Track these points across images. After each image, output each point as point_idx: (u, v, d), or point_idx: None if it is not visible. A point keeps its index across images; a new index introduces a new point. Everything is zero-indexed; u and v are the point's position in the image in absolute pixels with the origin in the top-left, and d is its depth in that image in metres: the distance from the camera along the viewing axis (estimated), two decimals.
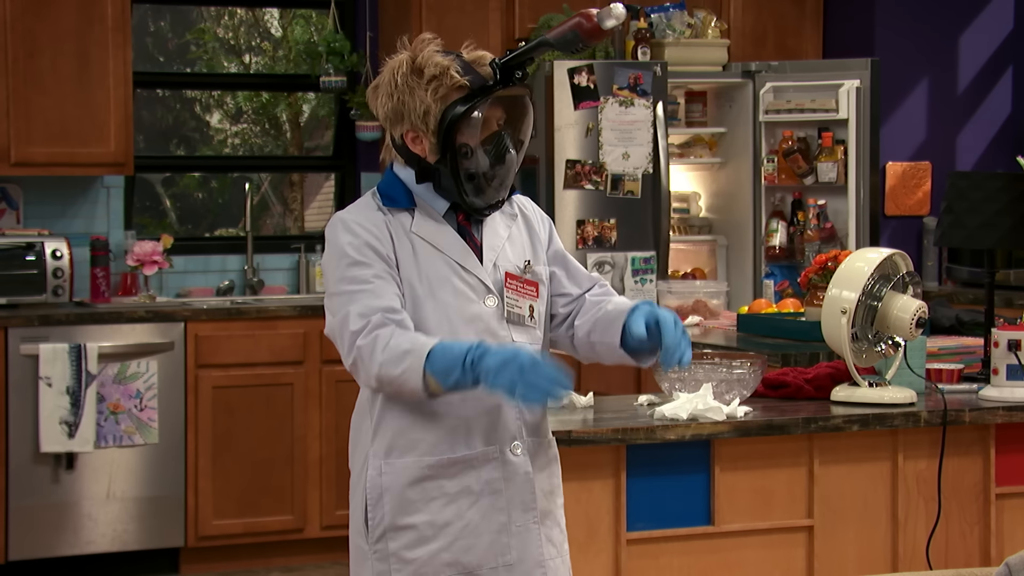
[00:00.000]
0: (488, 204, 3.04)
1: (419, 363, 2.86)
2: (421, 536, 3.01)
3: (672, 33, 7.30)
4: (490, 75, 2.98)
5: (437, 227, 3.04)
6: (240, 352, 6.66)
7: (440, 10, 7.18)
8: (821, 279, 5.10)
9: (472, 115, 2.96)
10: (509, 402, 2.93)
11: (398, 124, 3.02)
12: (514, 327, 3.05)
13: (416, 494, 3.01)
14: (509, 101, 3.02)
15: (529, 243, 3.16)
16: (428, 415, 3.00)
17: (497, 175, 3.01)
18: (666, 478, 3.80)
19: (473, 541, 3.02)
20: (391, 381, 2.90)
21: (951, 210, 4.58)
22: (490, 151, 2.99)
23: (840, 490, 3.95)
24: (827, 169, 7.08)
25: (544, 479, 3.12)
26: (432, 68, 2.96)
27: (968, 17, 7.83)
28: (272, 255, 7.49)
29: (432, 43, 3.01)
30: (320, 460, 6.77)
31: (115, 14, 6.75)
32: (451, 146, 2.98)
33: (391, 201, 3.04)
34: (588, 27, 2.97)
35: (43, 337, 6.34)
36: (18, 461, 6.34)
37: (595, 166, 6.80)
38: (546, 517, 3.11)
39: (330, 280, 3.01)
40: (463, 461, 3.01)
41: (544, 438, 3.14)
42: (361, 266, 2.97)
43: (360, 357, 2.92)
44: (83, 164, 6.79)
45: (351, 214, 3.04)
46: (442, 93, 2.96)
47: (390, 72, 3.01)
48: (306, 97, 9.27)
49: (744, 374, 3.95)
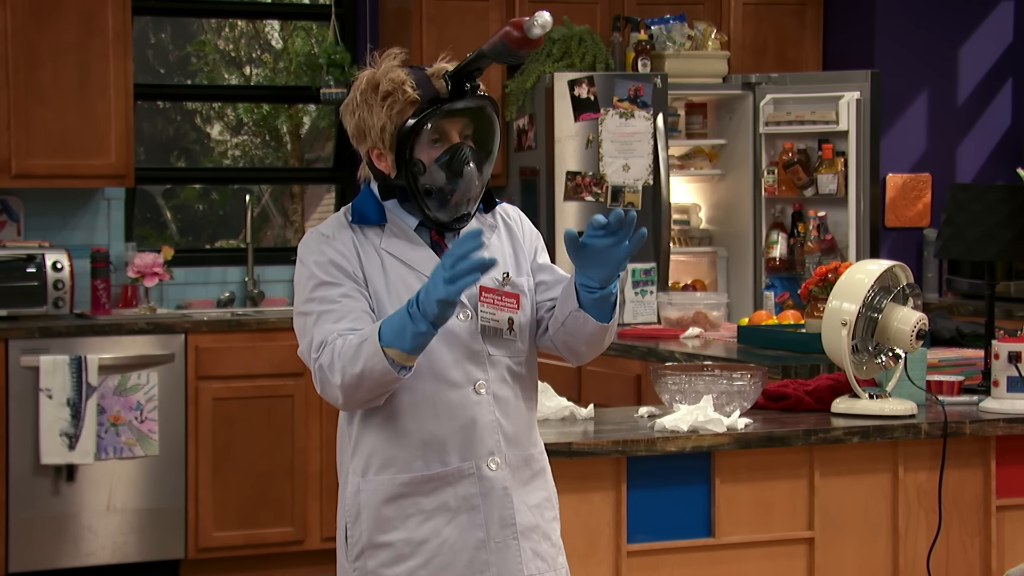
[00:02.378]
0: (452, 218, 3.01)
1: (374, 345, 2.83)
2: (398, 554, 2.98)
3: (672, 45, 7.31)
4: (443, 88, 2.96)
5: (407, 242, 3.02)
6: (240, 364, 6.66)
7: (440, 22, 7.19)
8: (821, 291, 5.10)
9: (421, 129, 2.94)
10: (458, 296, 2.78)
11: (362, 142, 3.04)
12: (490, 341, 3.01)
13: (392, 512, 2.98)
14: (464, 113, 2.98)
15: (512, 253, 3.11)
16: (402, 432, 2.97)
17: (458, 188, 2.97)
18: (666, 490, 3.79)
19: (451, 558, 2.99)
20: (358, 381, 2.86)
21: (951, 222, 4.58)
22: (445, 164, 2.96)
23: (841, 502, 3.94)
24: (827, 181, 7.09)
25: (528, 492, 3.06)
26: (387, 84, 2.96)
27: (968, 28, 7.84)
28: (272, 267, 7.50)
29: (395, 58, 2.99)
30: (320, 472, 6.76)
31: (116, 26, 6.75)
32: (406, 162, 2.96)
33: (361, 217, 3.03)
34: (516, 36, 2.92)
35: (43, 349, 6.34)
36: (18, 473, 6.33)
37: (595, 178, 6.80)
38: (532, 531, 3.05)
39: (299, 298, 3.01)
40: (439, 478, 2.98)
41: (527, 450, 3.08)
42: (327, 286, 2.97)
43: (323, 377, 2.91)
44: (84, 176, 6.79)
45: (320, 231, 3.04)
46: (397, 109, 2.95)
47: (353, 89, 3.02)
48: (306, 109, 9.27)
49: (744, 386, 3.95)
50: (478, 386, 2.99)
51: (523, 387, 3.07)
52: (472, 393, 2.99)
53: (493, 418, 3.01)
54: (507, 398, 3.03)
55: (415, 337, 2.82)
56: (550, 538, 3.11)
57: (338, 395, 2.91)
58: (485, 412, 3.00)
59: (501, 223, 3.13)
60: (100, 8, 6.73)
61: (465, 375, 2.98)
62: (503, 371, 3.03)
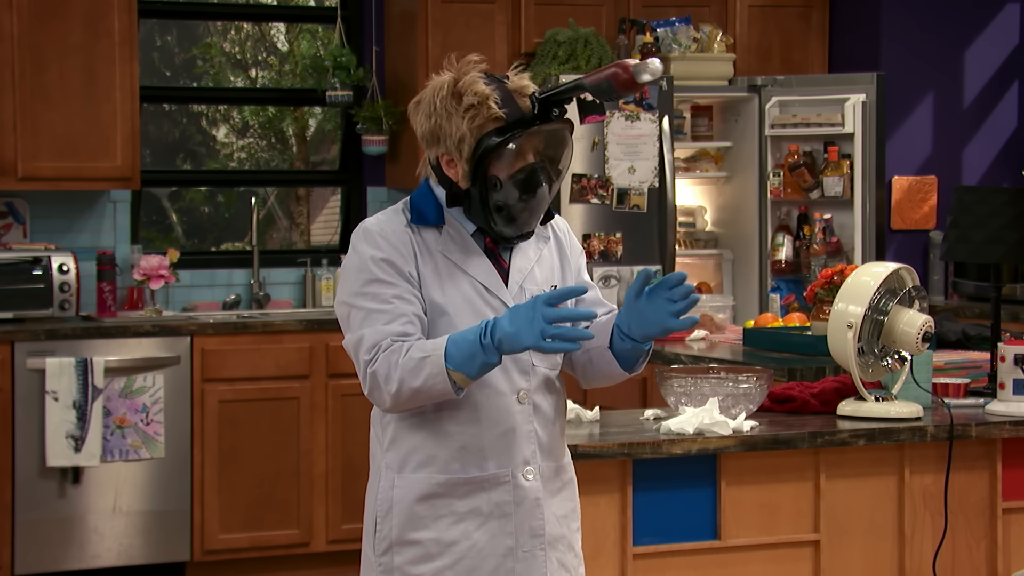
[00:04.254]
0: (517, 234, 3.04)
1: (439, 365, 2.86)
2: (426, 553, 3.01)
3: (678, 47, 7.31)
4: (528, 108, 2.98)
5: (464, 248, 3.04)
6: (246, 366, 6.67)
7: (446, 25, 7.19)
8: (827, 293, 5.10)
9: (505, 148, 2.96)
10: (540, 350, 2.86)
11: (434, 146, 3.02)
12: (534, 351, 3.03)
13: (425, 510, 3.01)
14: (545, 135, 3.01)
15: (559, 266, 3.16)
16: (442, 434, 3.00)
17: (528, 207, 3.00)
18: (672, 492, 3.79)
19: (478, 563, 3.01)
20: (414, 394, 2.90)
21: (957, 224, 4.58)
22: (521, 184, 2.98)
23: (846, 505, 3.94)
24: (833, 183, 7.08)
25: (558, 503, 3.11)
26: (471, 96, 2.95)
27: (974, 31, 7.83)
28: (278, 269, 7.50)
29: (477, 66, 3.00)
30: (326, 474, 6.76)
31: (122, 29, 6.76)
32: (482, 176, 2.98)
33: (420, 218, 3.04)
34: (623, 78, 2.98)
35: (49, 351, 6.35)
36: (24, 475, 6.34)
37: (601, 180, 6.80)
38: (559, 542, 3.09)
39: (348, 288, 3.00)
40: (474, 482, 3.01)
41: (559, 461, 3.13)
42: (382, 284, 2.97)
43: (376, 383, 2.92)
44: (90, 179, 6.80)
45: (379, 225, 3.03)
46: (478, 122, 2.95)
47: (431, 92, 3.00)
48: (312, 111, 9.27)
49: (750, 388, 3.95)
50: (521, 395, 3.03)
51: (557, 398, 3.13)
52: (515, 402, 3.03)
53: (531, 427, 3.05)
54: (545, 408, 3.08)
55: (483, 367, 2.88)
56: (573, 549, 3.16)
57: (387, 401, 2.94)
58: (524, 421, 3.04)
59: (552, 235, 3.17)
60: (106, 11, 6.74)
61: (510, 383, 3.02)
62: (542, 381, 3.07)
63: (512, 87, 2.99)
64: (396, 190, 7.57)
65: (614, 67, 2.99)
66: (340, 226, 8.04)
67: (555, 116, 2.99)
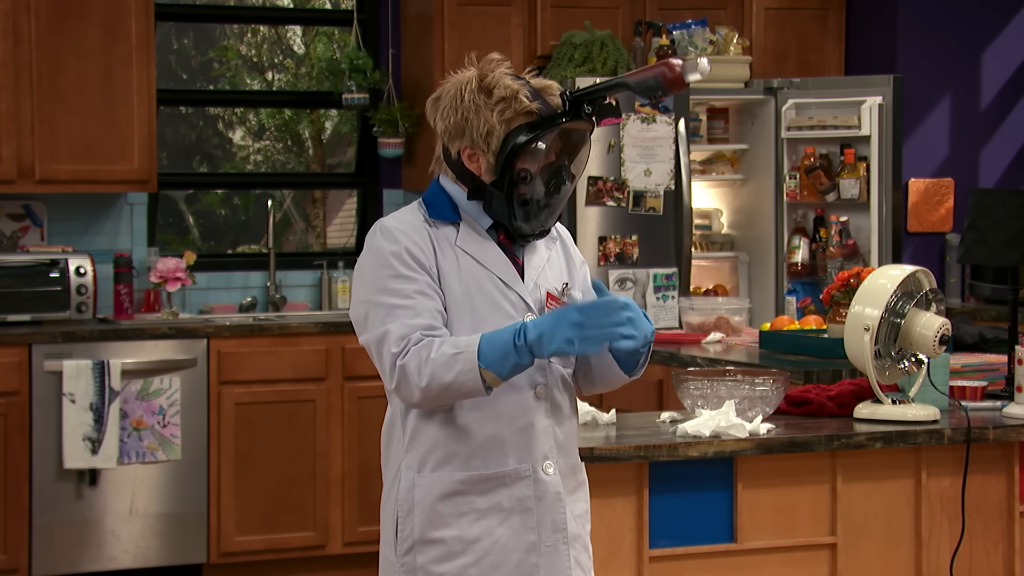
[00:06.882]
0: (535, 231, 3.06)
1: (472, 362, 2.87)
2: (449, 551, 3.01)
3: (694, 50, 7.30)
4: (559, 106, 2.99)
5: (482, 242, 3.05)
6: (262, 368, 6.68)
7: (462, 27, 7.20)
8: (844, 296, 5.09)
9: (537, 144, 2.97)
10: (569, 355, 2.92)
11: (457, 139, 3.02)
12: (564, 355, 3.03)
13: (447, 508, 3.01)
14: (572, 133, 3.03)
15: (566, 268, 3.18)
16: (462, 431, 3.01)
17: (550, 204, 3.03)
18: (689, 495, 3.79)
19: (502, 559, 3.02)
20: (443, 389, 2.90)
21: (974, 227, 4.57)
22: (548, 180, 3.01)
23: (863, 507, 3.94)
24: (849, 186, 7.08)
25: (574, 502, 3.12)
26: (502, 90, 2.97)
27: (991, 34, 7.82)
28: (294, 272, 7.51)
29: (502, 64, 3.01)
30: (342, 476, 6.77)
31: (139, 32, 6.78)
32: (510, 170, 2.99)
33: (437, 213, 3.05)
34: (671, 77, 2.99)
35: (67, 354, 6.36)
36: (42, 477, 6.36)
37: (617, 183, 6.80)
38: (576, 540, 3.10)
39: (367, 286, 3.00)
40: (495, 478, 3.01)
41: (573, 459, 3.14)
42: (403, 279, 2.97)
43: (405, 377, 2.92)
44: (107, 181, 6.81)
45: (396, 222, 3.04)
46: (508, 116, 2.97)
47: (456, 87, 3.01)
48: (328, 114, 9.28)
49: (767, 391, 3.95)
50: (539, 391, 3.04)
51: (571, 396, 3.14)
52: (532, 397, 3.03)
53: (548, 423, 3.06)
54: (561, 405, 3.09)
55: (515, 368, 2.89)
56: (588, 550, 3.17)
57: (416, 395, 2.93)
58: (542, 417, 3.05)
59: (558, 237, 3.20)
60: (123, 14, 6.75)
61: (528, 379, 3.02)
62: (558, 378, 3.08)
63: (536, 86, 3.01)
64: (412, 192, 7.57)
65: (661, 65, 3.00)
66: (356, 228, 8.05)
67: (586, 114, 3.00)
